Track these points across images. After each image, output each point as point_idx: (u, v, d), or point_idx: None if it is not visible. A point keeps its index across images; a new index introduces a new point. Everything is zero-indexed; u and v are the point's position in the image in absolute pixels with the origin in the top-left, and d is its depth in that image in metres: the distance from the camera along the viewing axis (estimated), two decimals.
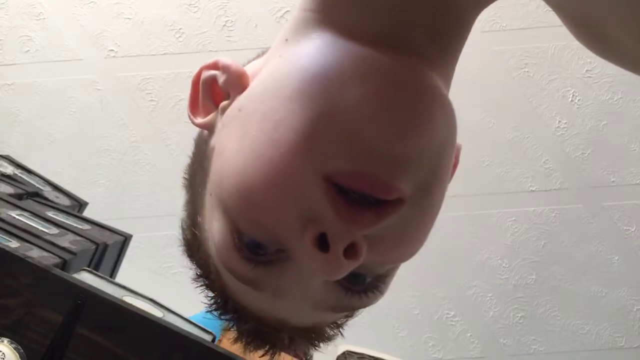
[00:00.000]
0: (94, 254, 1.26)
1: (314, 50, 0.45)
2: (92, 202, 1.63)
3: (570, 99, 2.14)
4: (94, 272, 1.15)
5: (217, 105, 0.51)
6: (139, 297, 1.14)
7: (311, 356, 1.40)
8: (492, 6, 0.51)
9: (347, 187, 0.42)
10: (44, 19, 2.10)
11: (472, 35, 0.50)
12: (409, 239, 0.46)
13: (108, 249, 1.31)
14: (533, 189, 2.15)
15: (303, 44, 0.46)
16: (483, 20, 2.05)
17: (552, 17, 0.49)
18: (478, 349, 2.16)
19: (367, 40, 0.45)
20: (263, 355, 0.53)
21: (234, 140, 0.46)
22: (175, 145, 2.11)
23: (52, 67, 2.10)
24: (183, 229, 0.53)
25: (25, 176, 1.46)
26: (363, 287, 0.47)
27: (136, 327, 1.02)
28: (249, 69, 0.50)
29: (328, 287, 0.46)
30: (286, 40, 0.48)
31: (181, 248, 0.54)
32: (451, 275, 2.14)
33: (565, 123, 2.15)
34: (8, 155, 1.50)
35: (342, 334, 0.53)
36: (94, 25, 2.10)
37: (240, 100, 0.48)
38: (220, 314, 0.52)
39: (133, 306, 1.05)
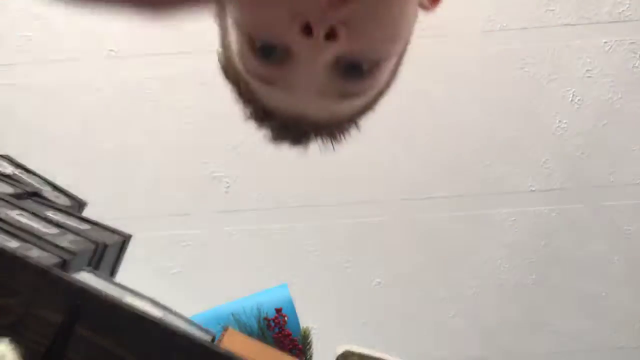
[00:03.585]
0: (94, 254, 1.26)
1: None
2: (92, 202, 1.62)
3: (570, 99, 2.14)
4: (94, 272, 1.15)
5: None
6: (139, 297, 1.14)
7: (311, 356, 1.40)
8: (492, 6, 0.51)
9: None
10: (43, 19, 2.10)
11: (472, 35, 0.50)
12: (380, 19, 0.55)
13: (108, 249, 1.31)
14: (533, 189, 2.15)
15: None
16: (483, 20, 2.05)
17: (552, 17, 0.49)
18: (478, 349, 2.16)
19: None
20: (290, 147, 0.67)
21: None
22: (175, 145, 2.11)
23: (52, 67, 2.10)
24: (220, 60, 0.67)
25: (24, 176, 1.46)
26: (360, 73, 0.58)
27: (136, 327, 1.01)
28: None
29: (330, 77, 0.58)
30: None
31: (222, 77, 0.66)
32: (451, 275, 2.14)
33: (565, 123, 2.15)
34: (8, 155, 1.50)
35: (358, 129, 0.66)
36: (93, 25, 2.10)
37: None
38: (255, 120, 0.65)
39: (133, 306, 1.05)
